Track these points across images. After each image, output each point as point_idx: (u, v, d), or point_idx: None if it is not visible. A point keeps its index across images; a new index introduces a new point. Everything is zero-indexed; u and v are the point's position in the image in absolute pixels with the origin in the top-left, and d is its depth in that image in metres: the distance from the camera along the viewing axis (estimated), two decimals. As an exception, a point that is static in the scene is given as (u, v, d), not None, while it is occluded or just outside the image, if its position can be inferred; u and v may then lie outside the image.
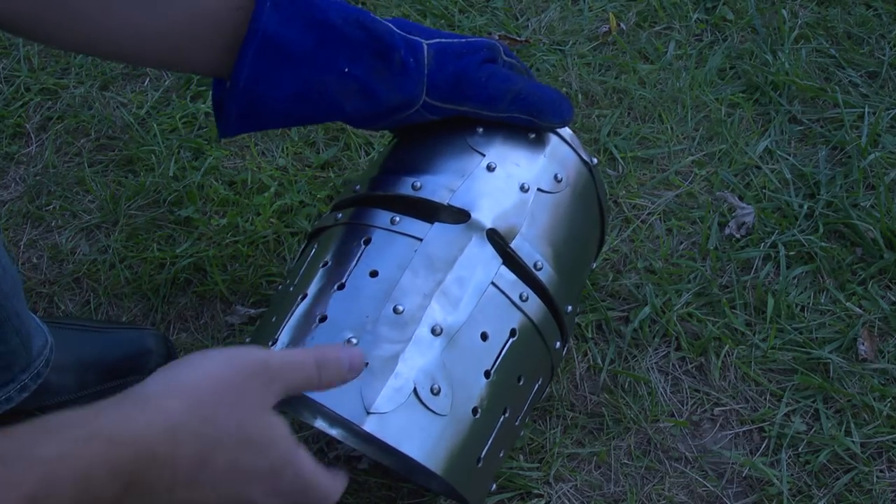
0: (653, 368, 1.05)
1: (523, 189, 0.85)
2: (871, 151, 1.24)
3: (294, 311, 0.81)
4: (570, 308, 0.89)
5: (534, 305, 0.83)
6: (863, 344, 1.06)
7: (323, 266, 0.83)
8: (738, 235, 1.17)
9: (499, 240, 0.83)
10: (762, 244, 1.15)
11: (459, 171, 0.85)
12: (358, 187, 0.89)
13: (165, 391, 0.57)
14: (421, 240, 0.81)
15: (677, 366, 1.06)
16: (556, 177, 0.88)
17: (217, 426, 0.57)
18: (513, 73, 0.86)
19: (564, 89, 1.33)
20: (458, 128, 0.88)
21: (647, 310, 1.08)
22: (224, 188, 1.21)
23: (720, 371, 1.05)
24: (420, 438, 0.75)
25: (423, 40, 0.83)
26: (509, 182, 0.85)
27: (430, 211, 0.84)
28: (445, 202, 0.83)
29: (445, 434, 0.76)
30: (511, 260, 0.83)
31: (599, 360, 1.05)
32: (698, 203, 1.20)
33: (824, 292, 1.11)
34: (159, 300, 1.11)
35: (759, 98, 1.33)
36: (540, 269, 0.84)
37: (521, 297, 0.82)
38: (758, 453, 0.99)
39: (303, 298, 0.81)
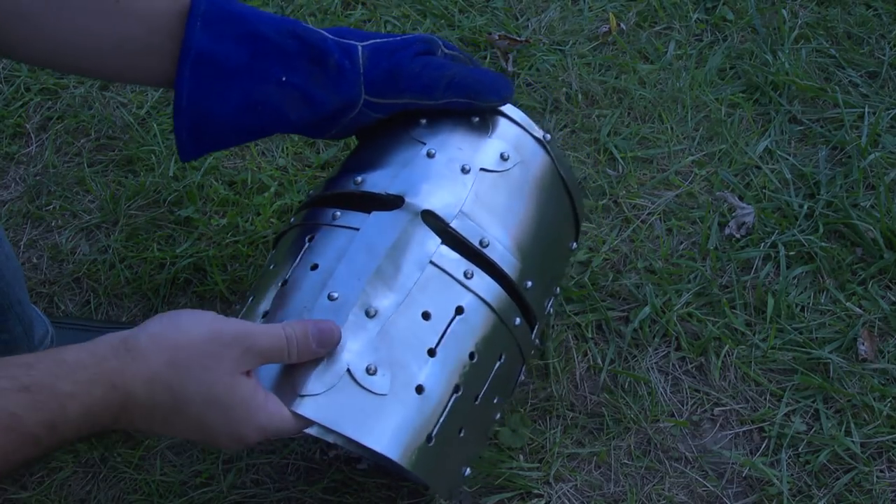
0: (653, 368, 1.05)
1: (464, 170, 0.85)
2: (871, 151, 1.24)
3: (242, 311, 0.85)
4: (530, 284, 0.87)
5: (481, 282, 0.83)
6: (863, 344, 1.06)
7: (272, 268, 0.86)
8: (738, 235, 1.17)
9: (438, 221, 0.83)
10: (762, 244, 1.15)
11: (401, 163, 0.86)
12: (312, 191, 0.91)
13: (151, 347, 0.69)
14: (358, 229, 0.82)
15: (677, 366, 1.06)
16: (502, 155, 0.88)
17: (188, 383, 0.69)
18: (448, 61, 0.88)
19: (564, 89, 1.33)
20: (403, 122, 0.89)
21: (647, 310, 1.08)
22: (224, 188, 1.21)
23: (720, 371, 1.05)
24: (358, 418, 0.75)
25: (357, 42, 0.85)
26: (450, 165, 0.86)
27: (371, 203, 0.85)
28: (384, 192, 0.84)
29: (386, 412, 0.76)
30: (455, 241, 0.83)
31: (599, 360, 1.05)
32: (698, 203, 1.20)
33: (824, 292, 1.11)
34: (159, 300, 1.11)
35: (759, 98, 1.33)
36: (486, 245, 0.83)
37: (465, 274, 0.82)
38: (758, 453, 0.99)
39: (252, 299, 0.84)
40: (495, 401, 0.87)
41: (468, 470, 0.85)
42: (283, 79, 0.82)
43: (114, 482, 0.97)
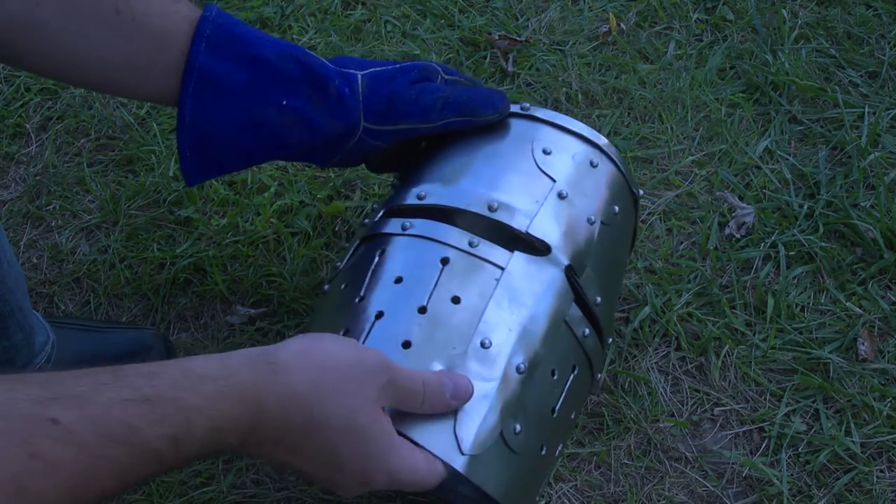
0: (653, 368, 1.05)
1: (590, 222, 0.85)
2: (871, 151, 1.24)
3: (371, 329, 0.77)
4: (610, 340, 0.90)
5: (591, 341, 0.84)
6: (863, 344, 1.06)
7: (396, 282, 0.79)
8: (738, 235, 1.17)
9: (573, 276, 0.83)
10: (762, 244, 1.15)
11: (532, 196, 0.84)
12: (423, 194, 0.85)
13: (293, 364, 0.65)
14: (503, 268, 0.79)
15: (677, 366, 1.06)
16: (614, 210, 0.89)
17: (328, 408, 0.65)
18: (444, 85, 0.89)
19: (564, 89, 1.33)
20: (523, 146, 0.87)
21: (647, 310, 1.08)
22: (224, 188, 1.21)
23: (720, 371, 1.05)
24: (501, 478, 0.74)
25: (357, 71, 0.86)
26: (581, 214, 0.85)
27: (506, 236, 0.83)
28: (524, 230, 0.82)
29: (520, 472, 0.76)
30: (578, 296, 0.84)
31: (599, 360, 1.05)
32: (698, 203, 1.20)
33: (824, 292, 1.11)
34: (159, 300, 1.11)
35: (759, 98, 1.33)
36: (598, 305, 0.85)
37: (583, 333, 0.82)
38: (758, 453, 0.99)
39: (378, 317, 0.77)
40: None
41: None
42: (284, 102, 0.83)
43: (114, 482, 0.97)
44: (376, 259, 0.82)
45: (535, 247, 0.82)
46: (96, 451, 0.55)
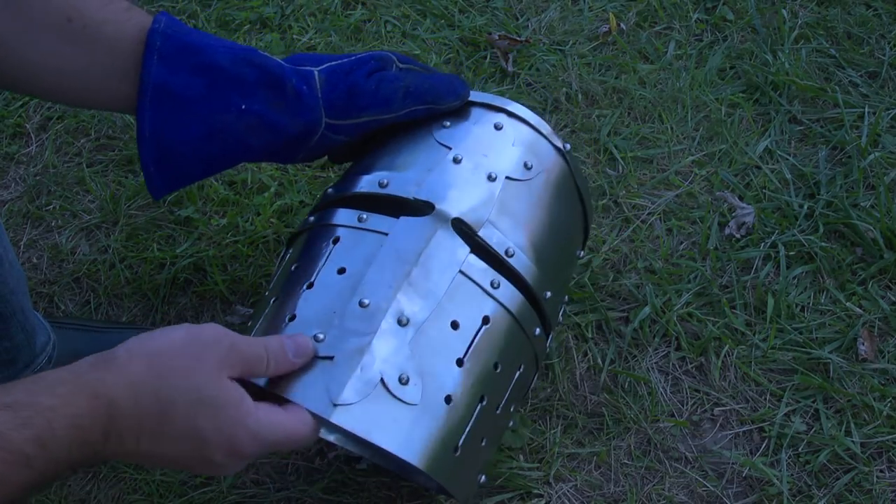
0: (653, 368, 1.05)
1: (490, 178, 0.86)
2: (871, 151, 1.24)
3: (265, 312, 0.83)
4: (549, 294, 0.88)
5: (507, 292, 0.83)
6: (863, 344, 1.06)
7: (294, 268, 0.84)
8: (738, 235, 1.17)
9: (466, 229, 0.83)
10: (762, 244, 1.15)
11: (426, 166, 0.86)
12: (330, 190, 0.90)
13: (130, 355, 0.68)
14: (387, 234, 0.81)
15: (677, 366, 1.06)
16: (525, 164, 0.88)
17: (173, 385, 0.67)
18: (402, 73, 0.89)
19: (564, 89, 1.33)
20: (425, 124, 0.89)
21: (647, 310, 1.08)
22: (224, 188, 1.21)
23: (720, 371, 1.05)
24: (391, 428, 0.75)
25: (313, 68, 0.86)
26: (476, 172, 0.86)
27: (397, 207, 0.85)
28: (412, 196, 0.84)
29: (418, 423, 0.76)
30: (481, 248, 0.83)
31: (599, 360, 1.05)
32: (698, 203, 1.20)
33: (824, 292, 1.11)
34: (159, 300, 1.11)
35: (759, 98, 1.33)
36: (512, 255, 0.84)
37: (492, 284, 0.82)
38: (758, 453, 0.99)
39: (274, 300, 0.83)
40: (511, 409, 0.87)
41: (483, 477, 0.86)
42: (243, 107, 0.83)
43: (114, 482, 0.97)
44: (286, 256, 0.89)
45: (423, 210, 0.84)
46: None
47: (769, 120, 1.30)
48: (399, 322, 0.77)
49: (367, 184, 0.87)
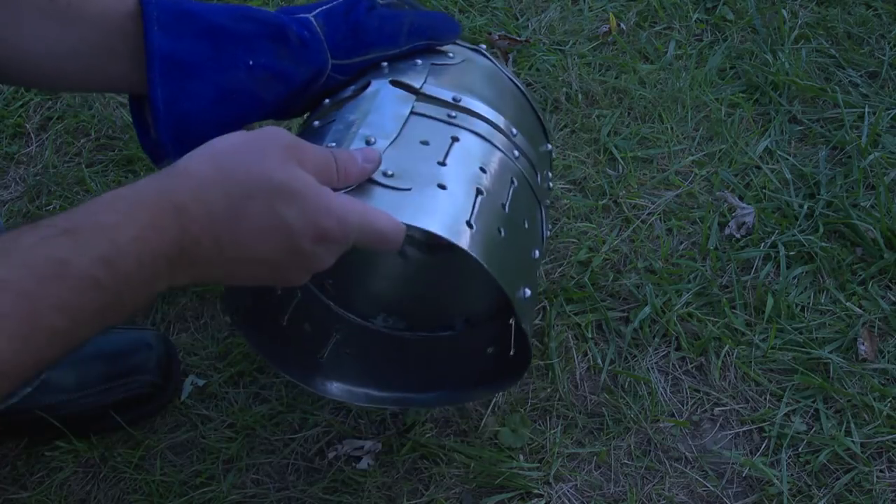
0: (653, 368, 1.05)
1: (417, 66, 0.88)
2: (871, 151, 1.24)
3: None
4: (515, 130, 0.87)
5: (466, 120, 0.83)
6: (863, 344, 1.06)
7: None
8: (738, 235, 1.17)
9: (407, 87, 0.84)
10: (762, 244, 1.16)
11: (363, 80, 0.88)
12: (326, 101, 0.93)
13: (192, 161, 0.65)
14: (342, 105, 0.84)
15: (677, 366, 1.06)
16: (447, 53, 0.91)
17: (243, 180, 0.63)
18: (399, 10, 0.90)
19: (564, 89, 1.33)
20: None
21: (647, 310, 1.08)
22: (224, 188, 1.21)
23: (720, 371, 1.05)
24: (396, 210, 0.73)
25: (307, 14, 0.86)
26: (402, 66, 0.88)
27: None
28: (352, 88, 0.86)
29: (417, 202, 0.75)
30: (429, 101, 0.85)
31: (599, 360, 1.05)
32: (698, 203, 1.20)
33: (824, 292, 1.11)
34: (159, 300, 1.11)
35: (759, 98, 1.33)
36: (459, 100, 0.84)
37: (449, 116, 0.83)
38: (758, 453, 0.99)
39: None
40: (525, 226, 0.85)
41: (528, 291, 0.82)
42: (251, 62, 0.82)
43: (114, 482, 0.97)
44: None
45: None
46: (33, 293, 0.56)
47: (769, 120, 1.30)
48: (367, 142, 0.77)
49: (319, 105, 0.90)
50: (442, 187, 0.77)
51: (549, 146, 0.99)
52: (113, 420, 0.99)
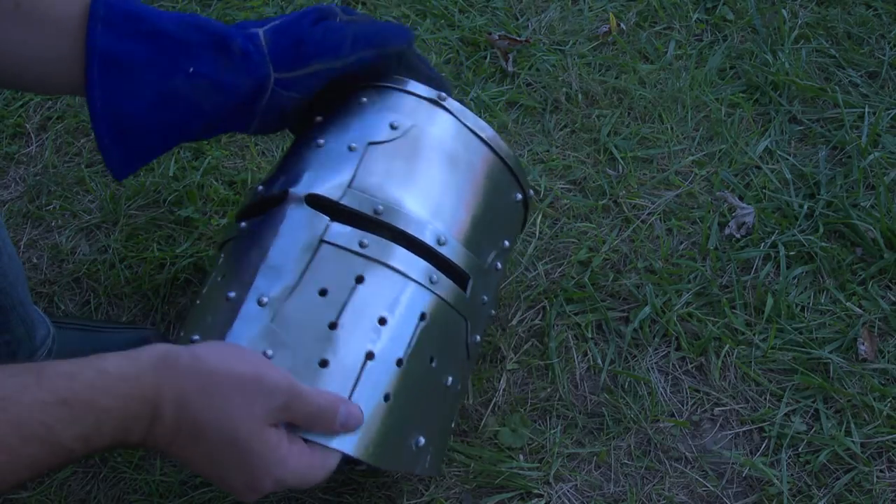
0: (653, 368, 1.05)
1: (351, 149, 0.84)
2: (871, 151, 1.24)
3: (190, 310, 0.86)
4: (445, 238, 0.84)
5: (379, 247, 0.80)
6: (863, 344, 1.06)
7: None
8: (738, 235, 1.17)
9: (325, 201, 0.82)
10: (762, 244, 1.16)
11: (295, 161, 0.86)
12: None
13: (191, 368, 0.68)
14: (255, 231, 0.83)
15: (677, 366, 1.06)
16: (391, 125, 0.86)
17: (211, 417, 0.67)
18: (347, 23, 0.88)
19: (564, 89, 1.33)
20: (306, 127, 0.90)
21: (647, 310, 1.08)
22: (224, 188, 1.21)
23: (720, 371, 1.05)
24: None
25: (257, 29, 0.86)
26: (337, 147, 0.85)
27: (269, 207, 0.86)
28: (272, 193, 0.84)
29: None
30: (351, 216, 0.82)
31: (599, 360, 1.05)
32: (698, 203, 1.20)
33: (824, 292, 1.11)
34: (159, 300, 1.11)
35: (759, 98, 1.33)
36: (380, 213, 0.81)
37: (360, 244, 0.80)
38: (758, 453, 0.99)
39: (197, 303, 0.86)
40: (433, 363, 0.83)
41: (423, 439, 0.81)
42: (191, 69, 0.82)
43: (114, 482, 0.97)
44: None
45: (281, 199, 0.84)
46: (17, 450, 0.61)
47: (769, 120, 1.30)
48: (259, 303, 0.77)
49: (249, 196, 0.88)
50: (324, 364, 0.76)
51: (520, 196, 0.94)
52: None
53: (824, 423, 1.00)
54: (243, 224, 0.85)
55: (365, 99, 0.89)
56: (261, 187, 0.87)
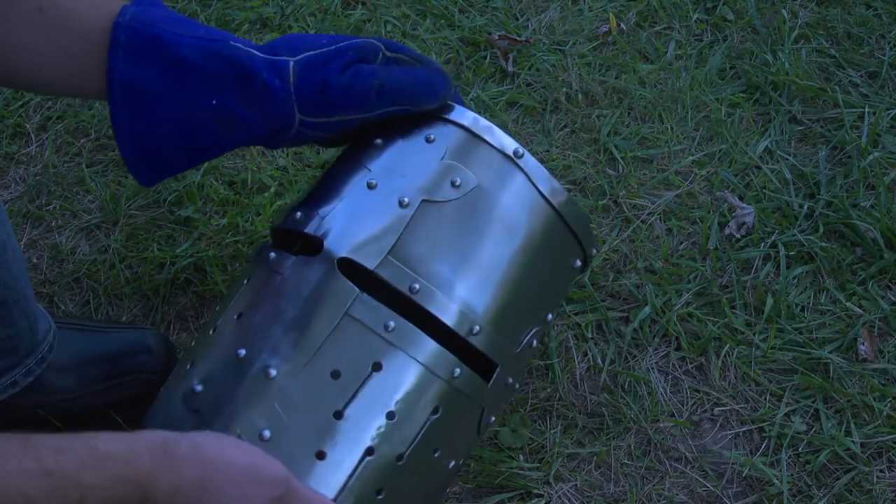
0: (653, 368, 1.05)
1: (402, 204, 0.77)
2: (871, 151, 1.24)
3: (194, 344, 0.82)
4: (478, 328, 0.77)
5: (404, 335, 0.74)
6: (863, 344, 1.06)
7: (217, 307, 0.82)
8: (738, 235, 1.17)
9: (360, 267, 0.76)
10: (762, 244, 1.16)
11: (342, 195, 0.79)
12: (272, 220, 0.86)
13: (188, 457, 0.66)
14: (282, 274, 0.76)
15: (677, 366, 1.06)
16: (452, 182, 0.78)
17: None
18: (380, 67, 0.82)
19: (564, 89, 1.33)
20: (360, 142, 0.82)
21: (647, 310, 1.08)
22: (224, 188, 1.21)
23: (720, 371, 1.05)
24: None
25: (289, 58, 0.81)
26: (388, 199, 0.77)
27: (297, 241, 0.81)
28: (312, 231, 0.78)
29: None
30: (385, 286, 0.76)
31: (599, 360, 1.05)
32: (698, 203, 1.20)
33: (824, 292, 1.11)
34: (159, 300, 1.11)
35: (759, 98, 1.33)
36: (417, 292, 0.75)
37: (386, 327, 0.74)
38: (758, 453, 0.99)
39: (196, 341, 0.82)
40: (437, 454, 0.78)
41: None
42: (214, 102, 0.79)
43: None
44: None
45: (316, 247, 0.77)
46: None
47: (769, 120, 1.30)
48: (266, 376, 0.72)
49: (287, 216, 0.81)
50: (320, 456, 0.72)
51: (579, 262, 0.87)
52: (112, 419, 0.98)
53: (824, 423, 1.00)
54: (273, 254, 0.78)
55: (433, 136, 0.80)
56: (299, 214, 0.80)
